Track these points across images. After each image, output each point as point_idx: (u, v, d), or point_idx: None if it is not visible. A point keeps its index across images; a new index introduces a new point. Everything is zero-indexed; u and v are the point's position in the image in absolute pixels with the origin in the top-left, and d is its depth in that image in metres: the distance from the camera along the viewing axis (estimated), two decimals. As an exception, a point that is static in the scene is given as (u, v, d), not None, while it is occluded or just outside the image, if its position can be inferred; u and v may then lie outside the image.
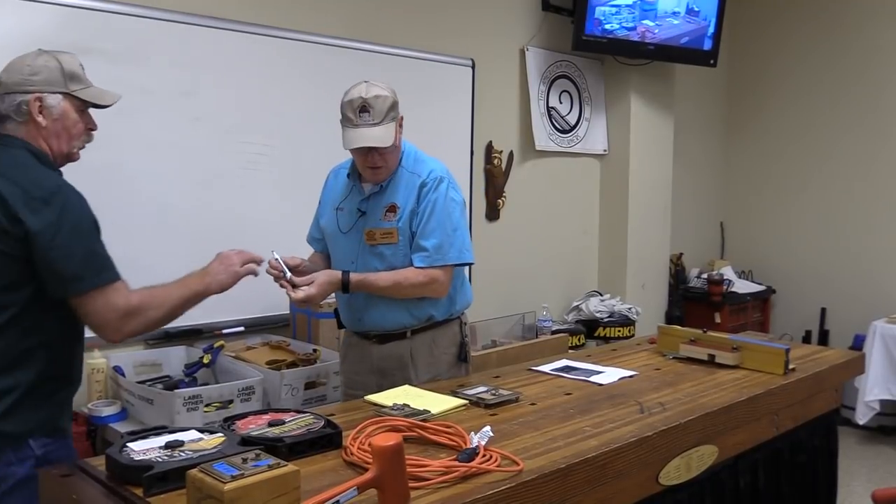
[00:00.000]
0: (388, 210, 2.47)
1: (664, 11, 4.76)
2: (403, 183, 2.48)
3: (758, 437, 2.32)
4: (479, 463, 1.60)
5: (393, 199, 2.47)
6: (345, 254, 2.53)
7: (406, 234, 2.45)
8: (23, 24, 2.78)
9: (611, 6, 4.59)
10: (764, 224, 6.00)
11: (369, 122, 2.34)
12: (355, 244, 2.50)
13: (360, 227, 2.49)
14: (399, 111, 2.43)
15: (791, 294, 5.85)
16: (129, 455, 1.55)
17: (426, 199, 2.45)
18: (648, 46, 4.74)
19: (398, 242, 2.45)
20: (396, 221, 2.45)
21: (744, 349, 2.59)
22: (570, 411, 2.07)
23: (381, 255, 2.47)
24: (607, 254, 5.15)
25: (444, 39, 4.15)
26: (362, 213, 2.49)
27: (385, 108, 2.35)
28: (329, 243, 2.63)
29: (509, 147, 4.57)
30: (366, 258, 2.48)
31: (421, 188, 2.46)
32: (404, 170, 2.50)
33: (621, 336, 4.58)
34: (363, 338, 2.59)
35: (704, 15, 4.89)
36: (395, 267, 2.46)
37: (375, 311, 2.51)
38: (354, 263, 2.48)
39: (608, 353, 2.89)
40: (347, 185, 2.56)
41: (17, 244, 1.81)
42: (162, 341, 3.16)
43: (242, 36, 3.34)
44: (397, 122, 2.42)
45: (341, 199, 2.56)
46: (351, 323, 2.61)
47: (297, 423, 1.78)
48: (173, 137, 3.17)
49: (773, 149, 5.92)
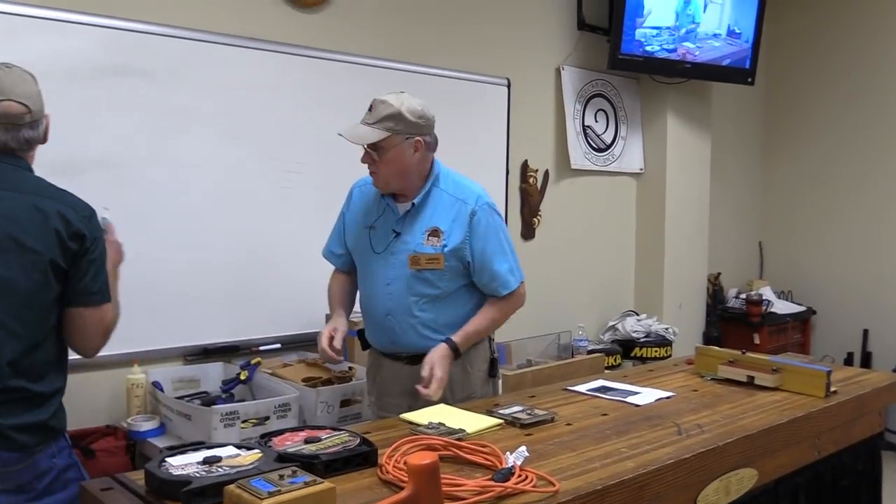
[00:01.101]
0: (430, 234, 2.44)
1: (705, 33, 4.74)
2: (443, 206, 2.46)
3: (799, 460, 2.28)
4: (514, 483, 1.59)
5: (434, 222, 2.45)
6: (378, 275, 2.49)
7: (451, 260, 2.43)
8: (68, 46, 2.85)
9: (652, 28, 4.58)
10: (804, 244, 5.91)
11: (366, 120, 2.37)
12: (392, 266, 2.46)
13: (395, 248, 2.46)
14: (414, 132, 2.37)
15: (832, 315, 5.74)
16: (168, 470, 1.57)
17: (481, 226, 2.44)
18: (685, 65, 4.72)
19: (444, 268, 2.43)
20: (441, 248, 2.42)
21: (784, 371, 2.55)
22: (606, 432, 2.06)
23: (426, 280, 2.44)
24: (644, 273, 5.11)
25: (480, 59, 4.17)
26: (397, 233, 2.47)
27: (383, 114, 2.34)
28: (359, 262, 2.59)
29: (545, 166, 4.57)
30: (408, 282, 2.44)
31: (472, 217, 2.44)
32: (443, 192, 2.48)
33: (658, 357, 4.53)
34: (394, 359, 2.55)
35: (746, 37, 4.86)
36: (439, 290, 2.44)
37: (412, 333, 2.47)
38: (390, 285, 2.45)
39: (645, 373, 2.86)
40: (379, 204, 2.53)
41: (71, 259, 1.94)
42: (200, 357, 3.19)
43: (280, 56, 3.39)
44: (404, 139, 2.35)
45: (374, 218, 2.53)
46: (383, 344, 2.57)
47: (333, 441, 1.78)
48: (211, 156, 3.21)
49: (813, 167, 5.84)
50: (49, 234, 1.90)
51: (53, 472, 1.96)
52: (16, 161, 2.01)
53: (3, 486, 1.88)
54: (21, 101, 1.97)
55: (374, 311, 2.51)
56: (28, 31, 2.76)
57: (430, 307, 2.45)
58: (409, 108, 2.36)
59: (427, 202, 2.47)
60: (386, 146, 2.36)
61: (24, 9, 2.75)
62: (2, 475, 1.87)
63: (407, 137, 2.37)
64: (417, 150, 2.39)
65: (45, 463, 1.94)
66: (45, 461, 1.94)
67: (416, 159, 2.41)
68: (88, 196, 2.97)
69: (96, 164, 2.92)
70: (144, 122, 3.03)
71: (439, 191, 2.48)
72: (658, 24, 4.60)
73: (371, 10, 3.73)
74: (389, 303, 2.46)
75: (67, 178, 2.82)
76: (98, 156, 2.93)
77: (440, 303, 2.46)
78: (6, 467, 1.87)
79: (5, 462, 1.87)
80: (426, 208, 2.47)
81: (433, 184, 2.48)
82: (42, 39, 2.79)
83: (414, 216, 2.46)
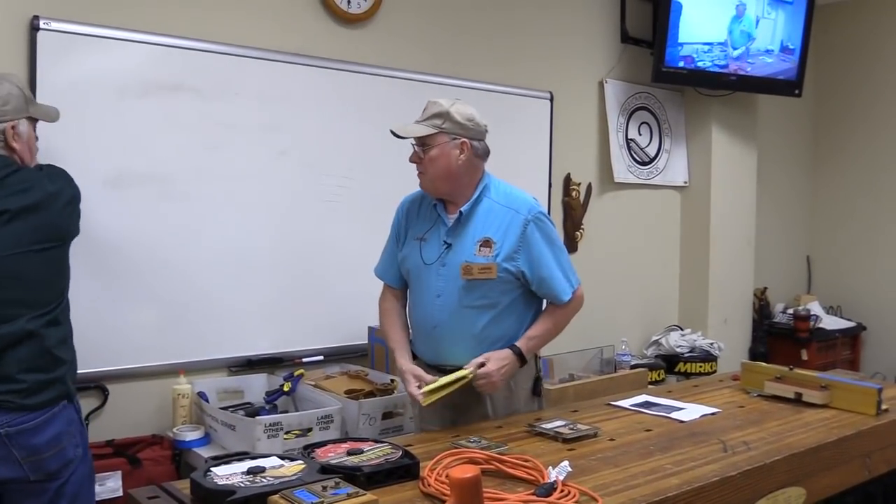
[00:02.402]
0: (482, 244, 2.43)
1: (757, 49, 4.69)
2: (494, 216, 2.45)
3: (848, 480, 2.23)
4: (557, 498, 1.58)
5: (485, 232, 2.44)
6: (429, 287, 2.48)
7: (504, 270, 2.41)
8: (119, 63, 2.92)
9: (703, 44, 4.54)
10: (853, 258, 5.78)
11: (417, 119, 2.44)
12: (442, 277, 2.44)
13: (446, 259, 2.44)
14: (462, 134, 2.40)
15: (883, 331, 5.60)
16: (213, 480, 1.59)
17: (534, 235, 2.43)
18: (730, 77, 4.67)
19: (496, 278, 2.41)
20: (494, 257, 2.41)
21: (833, 388, 2.50)
22: (650, 448, 2.03)
23: (478, 291, 2.42)
24: (688, 287, 5.05)
25: (523, 73, 4.17)
26: (448, 244, 2.45)
27: (432, 112, 2.41)
28: (411, 275, 2.56)
29: (588, 179, 4.55)
30: (459, 293, 2.42)
31: (524, 226, 2.43)
32: (493, 202, 2.47)
33: (703, 372, 4.47)
34: (439, 372, 2.52)
35: (799, 53, 4.81)
36: (490, 301, 2.42)
37: (461, 346, 2.44)
38: (441, 297, 2.44)
39: (689, 389, 2.83)
40: (430, 215, 2.53)
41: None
42: (244, 369, 3.23)
43: (325, 71, 3.43)
44: (451, 139, 2.39)
45: (425, 230, 2.52)
46: (430, 356, 2.54)
47: (376, 453, 1.79)
48: (258, 170, 3.26)
49: (862, 180, 5.72)
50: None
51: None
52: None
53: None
54: None
55: (423, 323, 2.50)
56: (80, 49, 2.83)
57: (480, 319, 2.43)
58: (458, 110, 2.41)
59: (477, 212, 2.46)
60: (431, 143, 2.40)
61: (76, 27, 2.82)
62: None
63: (453, 137, 2.40)
64: (463, 153, 2.40)
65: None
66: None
67: (463, 162, 2.41)
68: (137, 209, 3.05)
69: (145, 178, 2.98)
70: (192, 137, 3.09)
71: (490, 201, 2.48)
72: (709, 39, 4.56)
73: (415, 25, 3.76)
74: (439, 314, 2.45)
75: (118, 192, 2.92)
76: (147, 170, 2.99)
77: (491, 314, 2.44)
78: None
79: None
80: (477, 218, 2.46)
81: (483, 193, 2.48)
82: (93, 57, 2.86)
83: (465, 226, 2.46)
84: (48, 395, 2.10)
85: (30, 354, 2.08)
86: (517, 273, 2.42)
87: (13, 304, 2.07)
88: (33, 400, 2.07)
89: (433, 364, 2.53)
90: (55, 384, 2.12)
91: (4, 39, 2.71)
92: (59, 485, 2.14)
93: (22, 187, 2.12)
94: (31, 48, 2.74)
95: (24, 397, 2.06)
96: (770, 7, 4.71)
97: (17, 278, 2.07)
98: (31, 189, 2.13)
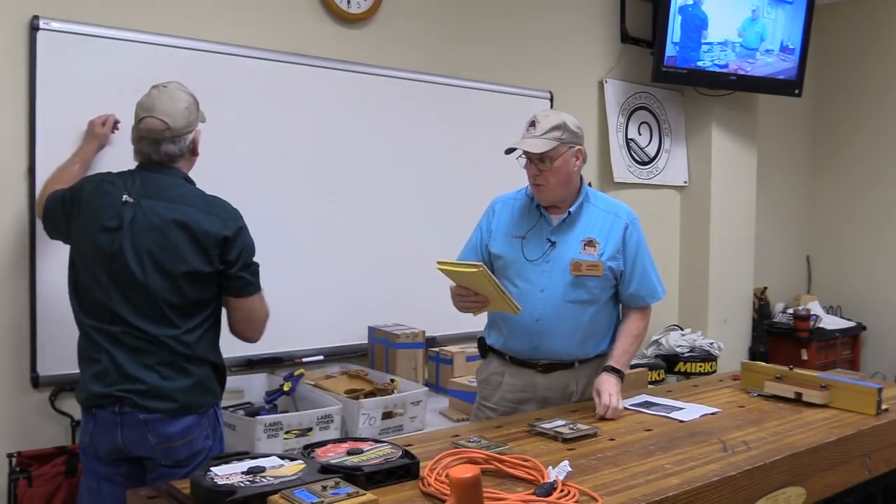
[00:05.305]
0: (586, 244, 2.54)
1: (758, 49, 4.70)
2: (596, 219, 2.58)
3: (849, 479, 2.23)
4: (556, 498, 1.58)
5: (588, 233, 2.55)
6: (532, 282, 2.54)
7: (608, 267, 2.54)
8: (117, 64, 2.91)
9: (705, 44, 4.55)
10: (853, 258, 5.79)
11: (532, 133, 2.49)
12: (546, 273, 2.53)
13: (550, 256, 2.54)
14: (576, 142, 2.52)
15: (883, 331, 5.61)
16: (213, 479, 1.59)
17: (633, 239, 2.60)
18: (730, 77, 4.67)
19: (602, 275, 2.53)
20: (599, 256, 2.53)
21: (833, 388, 2.50)
22: (650, 448, 2.04)
23: (583, 286, 2.52)
24: (688, 287, 5.05)
25: (522, 73, 4.17)
26: (553, 243, 2.55)
27: (550, 125, 2.47)
28: (509, 270, 2.60)
29: (588, 179, 4.47)
30: (565, 288, 2.51)
31: (625, 230, 2.58)
32: (595, 207, 2.60)
33: (703, 372, 4.47)
34: (526, 366, 2.59)
35: (799, 52, 4.81)
36: (592, 297, 2.54)
37: (560, 338, 2.54)
38: (545, 291, 2.52)
39: (689, 388, 2.83)
40: (531, 215, 2.61)
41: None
42: (244, 368, 3.23)
43: (324, 71, 3.43)
44: (568, 148, 2.49)
45: (526, 229, 2.60)
46: (523, 350, 2.59)
47: (376, 453, 1.79)
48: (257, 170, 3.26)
49: (862, 180, 5.72)
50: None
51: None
52: (162, 171, 2.26)
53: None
54: (160, 118, 2.20)
55: (524, 315, 2.50)
56: (80, 49, 2.83)
57: (583, 313, 2.54)
58: (570, 120, 2.52)
59: (581, 214, 2.58)
60: (554, 155, 2.48)
61: (76, 27, 2.82)
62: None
63: (571, 146, 2.51)
64: (578, 159, 2.54)
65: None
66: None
67: (577, 168, 2.56)
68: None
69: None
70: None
71: (591, 205, 2.61)
72: (710, 39, 4.57)
73: (415, 25, 3.76)
74: (542, 307, 2.51)
75: (118, 192, 2.90)
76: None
77: (592, 309, 2.55)
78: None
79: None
80: (580, 220, 2.58)
81: (584, 198, 2.60)
82: (93, 57, 2.86)
83: (570, 226, 2.57)
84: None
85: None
86: (617, 272, 2.57)
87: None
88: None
89: (524, 359, 2.59)
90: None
91: (4, 39, 2.71)
92: (186, 472, 2.15)
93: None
94: (31, 48, 2.74)
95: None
96: (770, 7, 4.71)
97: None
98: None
